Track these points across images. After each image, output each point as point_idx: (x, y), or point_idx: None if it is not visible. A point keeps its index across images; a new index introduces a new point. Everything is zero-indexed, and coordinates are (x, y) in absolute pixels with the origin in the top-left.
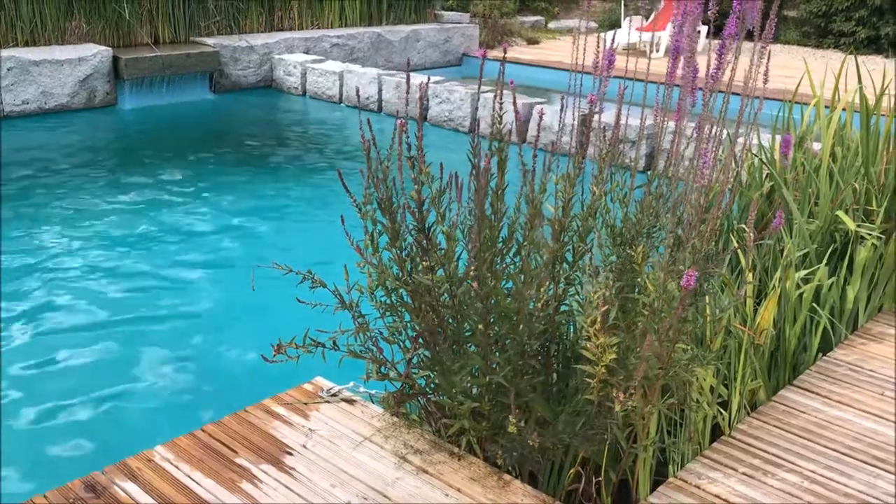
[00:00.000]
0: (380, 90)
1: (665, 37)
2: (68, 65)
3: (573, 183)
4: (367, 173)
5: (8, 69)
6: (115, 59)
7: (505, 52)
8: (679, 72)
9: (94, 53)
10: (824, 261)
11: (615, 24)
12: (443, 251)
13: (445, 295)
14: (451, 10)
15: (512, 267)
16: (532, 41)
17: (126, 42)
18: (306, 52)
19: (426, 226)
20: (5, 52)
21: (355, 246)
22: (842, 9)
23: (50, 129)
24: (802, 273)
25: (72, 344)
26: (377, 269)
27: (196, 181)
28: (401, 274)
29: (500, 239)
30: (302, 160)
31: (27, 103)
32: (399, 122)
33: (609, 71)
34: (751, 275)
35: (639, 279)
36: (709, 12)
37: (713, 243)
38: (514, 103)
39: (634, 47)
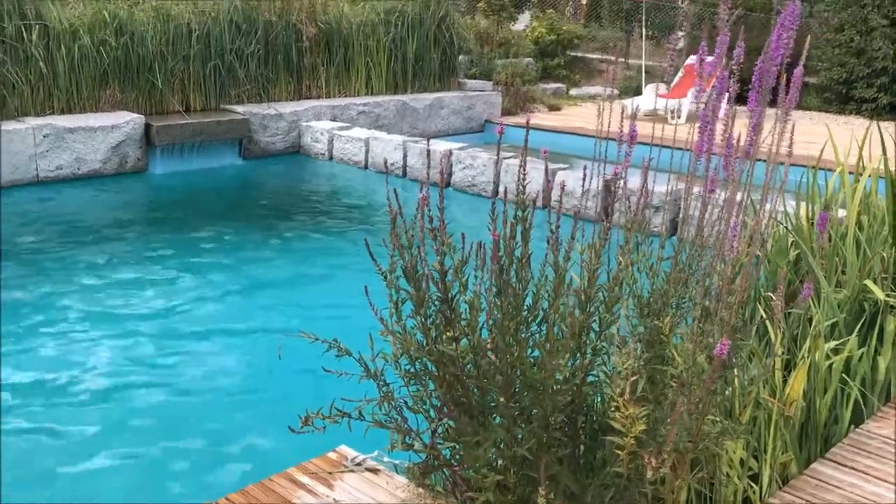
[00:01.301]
0: (404, 156)
1: (686, 103)
2: (102, 132)
3: (599, 253)
4: (392, 241)
5: (44, 136)
6: (147, 127)
7: (528, 123)
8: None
9: (127, 121)
10: (854, 331)
11: (637, 91)
12: (466, 321)
13: (470, 365)
14: (474, 78)
15: (537, 335)
16: (554, 108)
17: (158, 110)
18: (333, 120)
19: (450, 296)
20: (42, 120)
21: (378, 316)
22: (862, 76)
23: (82, 194)
24: (832, 344)
25: (92, 410)
26: (401, 338)
27: (223, 247)
28: (425, 342)
29: (525, 307)
30: (328, 226)
31: (61, 169)
32: (420, 196)
33: (632, 141)
34: (779, 345)
35: (667, 350)
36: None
37: (741, 313)
38: (546, 171)
39: (656, 114)
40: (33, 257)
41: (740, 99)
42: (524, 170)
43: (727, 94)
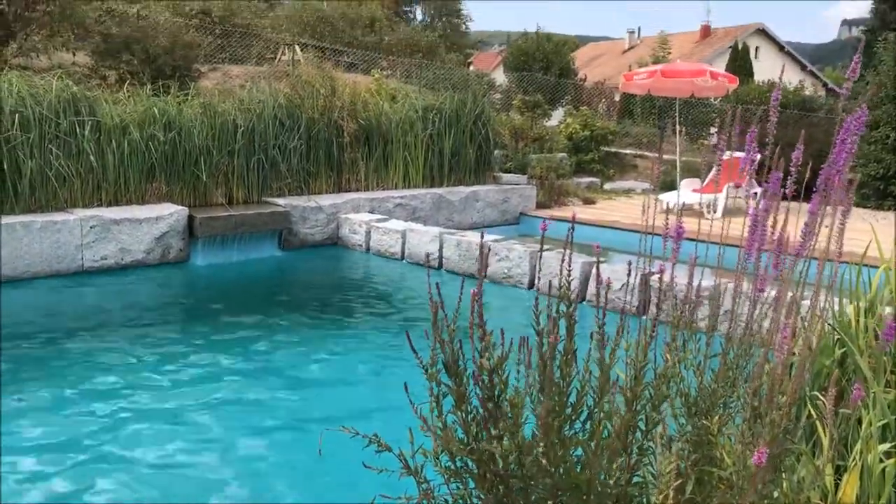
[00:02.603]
0: (441, 248)
1: (722, 198)
2: (146, 223)
3: (646, 351)
4: (434, 335)
5: (91, 227)
6: (191, 218)
7: (573, 218)
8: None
9: (172, 213)
10: None
11: (672, 186)
12: (510, 418)
13: (513, 464)
14: (509, 172)
15: (581, 434)
16: (588, 201)
17: (202, 202)
18: (371, 212)
19: (495, 394)
20: (90, 212)
21: (419, 413)
22: None
23: (125, 283)
24: (885, 446)
25: (123, 498)
26: (442, 435)
27: (262, 339)
28: (466, 439)
29: (569, 404)
30: (366, 317)
31: (105, 259)
32: (472, 292)
33: (679, 238)
34: (829, 448)
35: (715, 451)
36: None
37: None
38: (597, 269)
39: (692, 208)
40: (74, 346)
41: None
42: (568, 264)
43: (762, 189)
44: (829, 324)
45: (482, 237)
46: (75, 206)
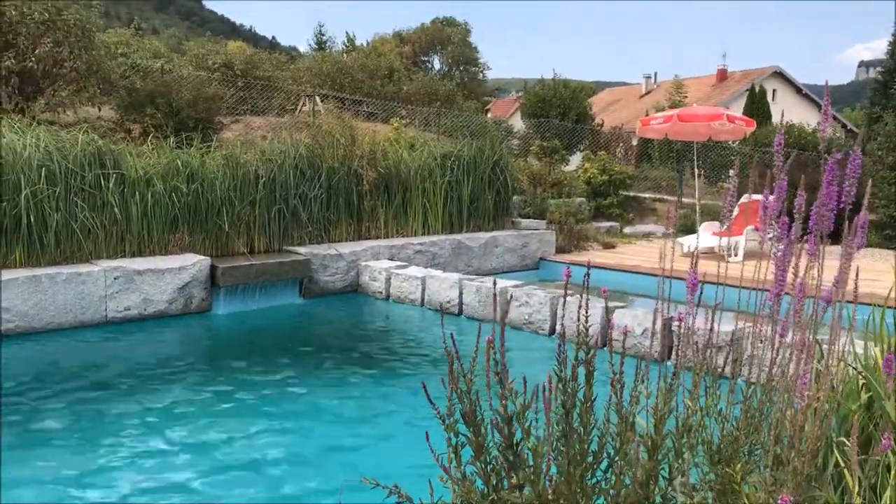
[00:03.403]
0: (460, 294)
1: (742, 241)
2: (169, 273)
3: (668, 399)
4: (451, 385)
5: (115, 278)
6: (213, 268)
7: (588, 265)
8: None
9: (194, 263)
10: None
11: (691, 229)
12: (531, 467)
13: None
14: (528, 217)
15: (604, 483)
16: (608, 245)
17: (223, 251)
18: (391, 259)
19: (514, 442)
20: (114, 263)
21: (439, 462)
22: None
23: (148, 334)
24: None
25: None
26: (461, 486)
27: (281, 388)
28: (486, 490)
29: (590, 452)
30: (385, 365)
31: (129, 309)
32: (487, 340)
33: (693, 289)
34: (857, 496)
35: (739, 500)
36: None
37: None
38: (606, 314)
39: (712, 251)
40: (95, 396)
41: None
42: (586, 311)
43: (789, 237)
44: (853, 367)
45: (494, 284)
46: (99, 258)
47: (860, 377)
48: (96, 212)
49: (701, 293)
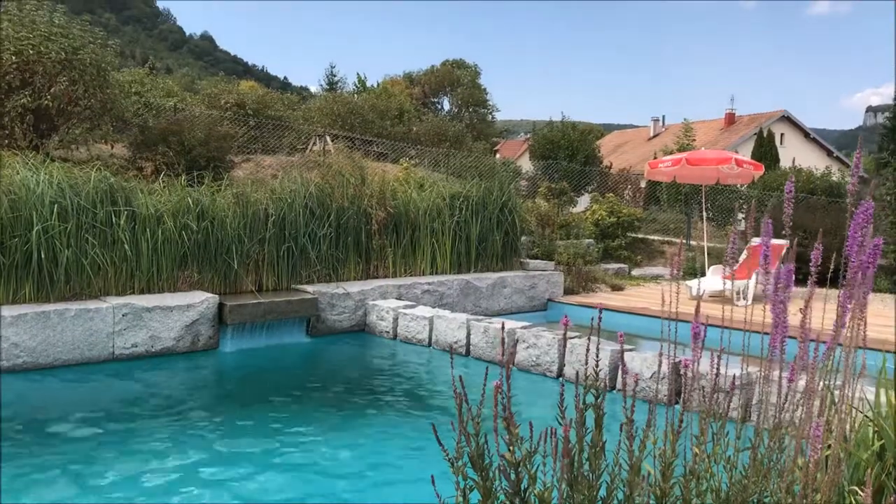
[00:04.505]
0: (468, 335)
1: (751, 285)
2: (177, 311)
3: (675, 447)
4: (459, 428)
5: (123, 315)
6: (221, 306)
7: (600, 314)
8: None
9: (202, 300)
10: None
11: (700, 272)
12: None
13: None
14: (536, 258)
15: None
16: (616, 287)
17: (232, 289)
18: (398, 298)
19: (521, 489)
20: (123, 300)
21: None
22: None
23: (154, 371)
24: None
25: None
26: None
27: (286, 427)
28: None
29: (599, 499)
30: (392, 406)
31: (136, 346)
32: (495, 384)
33: (696, 339)
34: None
35: None
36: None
37: None
38: (622, 360)
39: (722, 294)
40: (98, 435)
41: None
42: (597, 354)
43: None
44: (865, 415)
45: (503, 327)
46: (108, 294)
47: (872, 425)
48: (107, 248)
49: (704, 337)
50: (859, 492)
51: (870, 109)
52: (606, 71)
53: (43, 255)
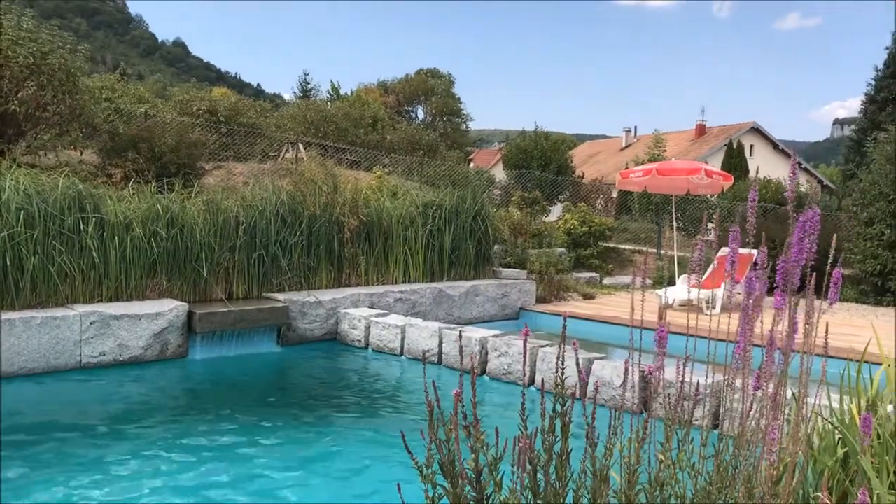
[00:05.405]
0: (440, 343)
1: (720, 294)
2: (146, 319)
3: (639, 454)
4: (430, 435)
5: (91, 323)
6: (190, 314)
7: (565, 320)
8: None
9: (171, 308)
10: None
11: (670, 281)
12: None
13: None
14: (509, 266)
15: None
16: (588, 296)
17: (202, 297)
18: (371, 307)
19: (485, 496)
20: (90, 307)
21: None
22: None
23: (122, 380)
24: None
25: None
26: None
27: (256, 436)
28: None
29: None
30: (362, 416)
31: (104, 355)
32: (454, 392)
33: (661, 343)
34: None
35: None
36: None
37: None
38: (578, 364)
39: (691, 303)
40: (64, 444)
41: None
42: (562, 363)
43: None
44: (830, 422)
45: (460, 336)
46: (76, 302)
47: (836, 432)
48: (74, 255)
49: (663, 347)
50: (822, 496)
51: (837, 122)
52: (580, 82)
53: (9, 262)
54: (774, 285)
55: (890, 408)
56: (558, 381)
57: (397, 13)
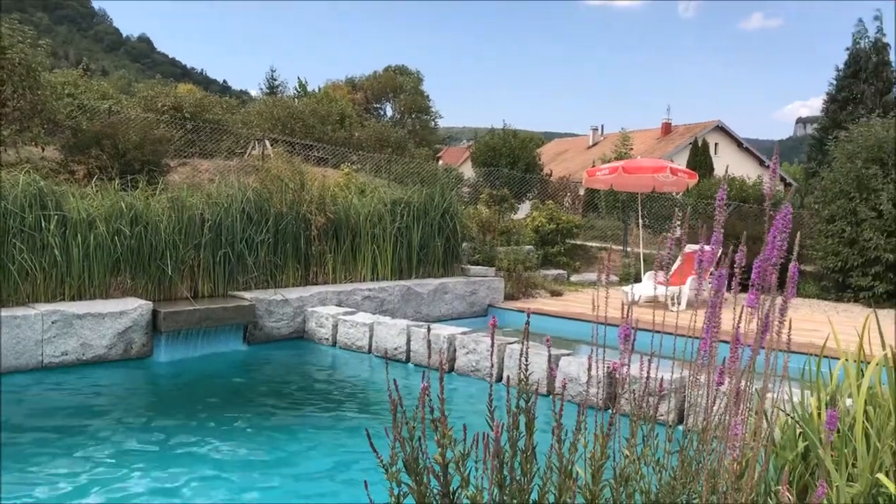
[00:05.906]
0: (408, 341)
1: (686, 290)
2: (110, 318)
3: (605, 449)
4: (394, 433)
5: (53, 322)
6: (155, 313)
7: (528, 316)
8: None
9: (136, 307)
10: None
11: (636, 278)
12: None
13: None
14: (477, 264)
15: None
16: (556, 293)
17: (167, 296)
18: (339, 305)
19: (450, 490)
20: (52, 306)
21: None
22: (857, 265)
23: (84, 380)
24: None
25: None
26: None
27: (221, 438)
28: None
29: (532, 502)
30: (328, 415)
31: (66, 354)
32: (422, 386)
33: (626, 340)
34: None
35: None
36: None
37: None
38: (550, 360)
39: (656, 300)
40: (25, 447)
41: (744, 286)
42: (526, 359)
43: (726, 287)
44: (791, 417)
45: (429, 331)
46: (37, 301)
47: (797, 426)
48: (36, 254)
49: (634, 340)
50: (783, 490)
51: (800, 121)
52: (548, 80)
53: None
54: (742, 283)
55: (849, 401)
56: (522, 377)
57: (366, 10)
